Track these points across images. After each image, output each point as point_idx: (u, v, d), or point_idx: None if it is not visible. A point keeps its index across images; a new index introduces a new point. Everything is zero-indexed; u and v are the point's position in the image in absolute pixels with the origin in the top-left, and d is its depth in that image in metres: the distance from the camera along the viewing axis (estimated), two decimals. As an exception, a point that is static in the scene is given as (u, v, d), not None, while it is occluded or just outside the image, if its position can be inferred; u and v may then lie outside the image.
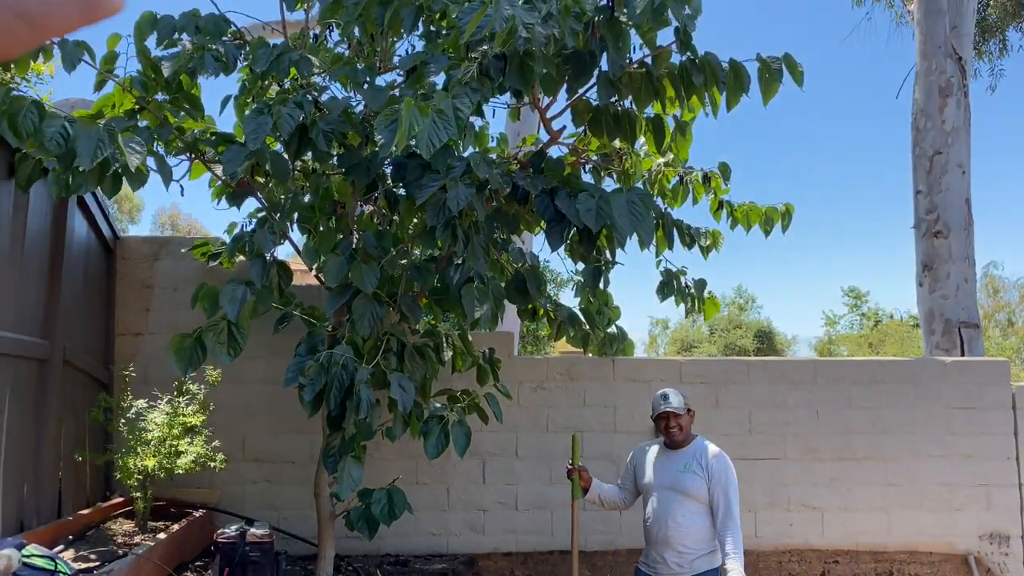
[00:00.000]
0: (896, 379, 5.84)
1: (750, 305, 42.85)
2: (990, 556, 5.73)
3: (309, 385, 3.40)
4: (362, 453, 3.72)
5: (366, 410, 3.41)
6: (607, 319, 5.06)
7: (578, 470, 4.61)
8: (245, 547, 4.23)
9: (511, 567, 5.66)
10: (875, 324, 35.06)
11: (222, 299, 3.71)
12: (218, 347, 3.73)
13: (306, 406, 3.48)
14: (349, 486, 3.61)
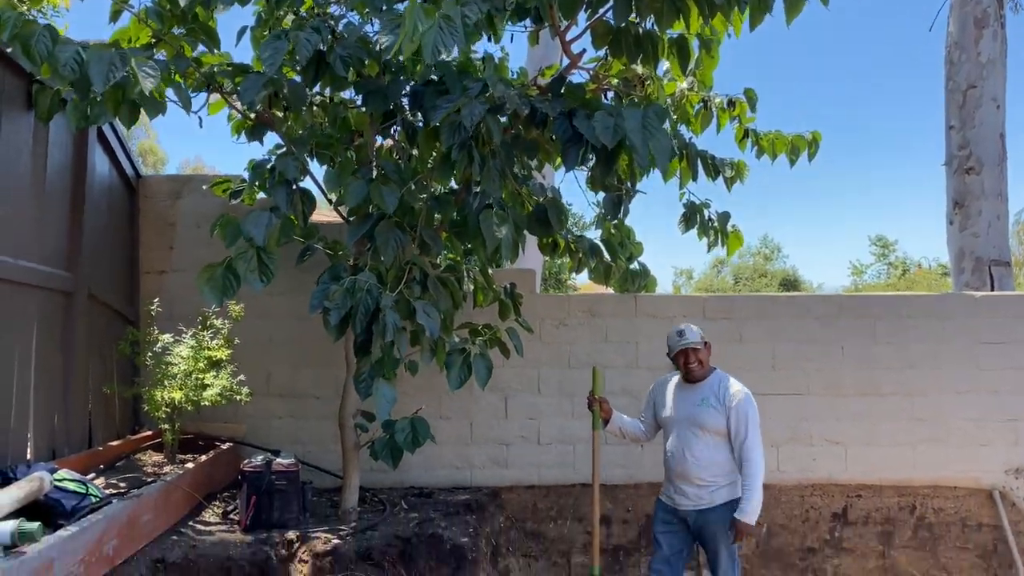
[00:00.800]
0: (924, 314, 5.75)
1: (776, 254, 42.49)
2: (1015, 491, 5.69)
3: (335, 309, 3.41)
4: (392, 375, 3.74)
5: (392, 333, 3.41)
6: (629, 252, 5.01)
7: (599, 401, 4.63)
8: (271, 476, 4.30)
9: (533, 499, 5.71)
10: (903, 273, 34.65)
11: (248, 226, 3.68)
12: (249, 274, 3.71)
13: (331, 330, 3.49)
14: (385, 406, 3.64)
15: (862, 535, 5.65)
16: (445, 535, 4.22)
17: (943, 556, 5.63)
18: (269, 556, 3.87)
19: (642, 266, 5.41)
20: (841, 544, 5.64)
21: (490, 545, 5.08)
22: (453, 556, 4.09)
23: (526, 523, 5.68)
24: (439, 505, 5.03)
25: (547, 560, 5.65)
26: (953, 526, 5.65)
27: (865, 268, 37.25)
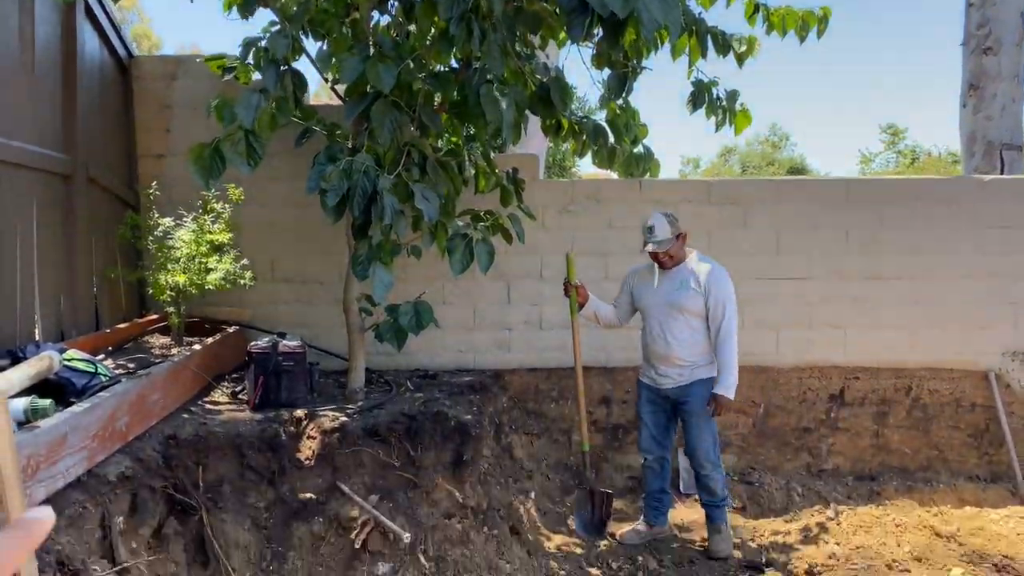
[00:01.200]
0: (931, 198, 5.69)
1: (784, 142, 41.81)
2: (1011, 373, 5.78)
3: (331, 191, 3.37)
4: (389, 260, 3.73)
5: (391, 216, 3.38)
6: (634, 135, 4.90)
7: (575, 287, 4.70)
8: (278, 357, 4.37)
9: (535, 382, 5.83)
10: (912, 161, 34.14)
11: (237, 107, 3.62)
12: (236, 157, 3.67)
13: (329, 212, 3.46)
14: (382, 289, 3.65)
15: (857, 415, 5.78)
16: (450, 413, 4.31)
17: (935, 435, 5.77)
18: (278, 433, 3.97)
19: (647, 149, 5.31)
20: (836, 424, 5.78)
21: (493, 424, 5.22)
22: (457, 432, 4.20)
23: (528, 403, 5.82)
24: (444, 386, 5.14)
25: (548, 438, 5.81)
26: (947, 407, 5.77)
27: (874, 156, 36.69)
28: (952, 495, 5.52)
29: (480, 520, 4.11)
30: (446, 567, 3.78)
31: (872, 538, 4.59)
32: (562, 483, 5.64)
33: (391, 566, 3.71)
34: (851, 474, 5.75)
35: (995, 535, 4.56)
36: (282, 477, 3.93)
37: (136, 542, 3.27)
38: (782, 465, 5.72)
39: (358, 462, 4.05)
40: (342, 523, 3.82)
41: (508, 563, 4.00)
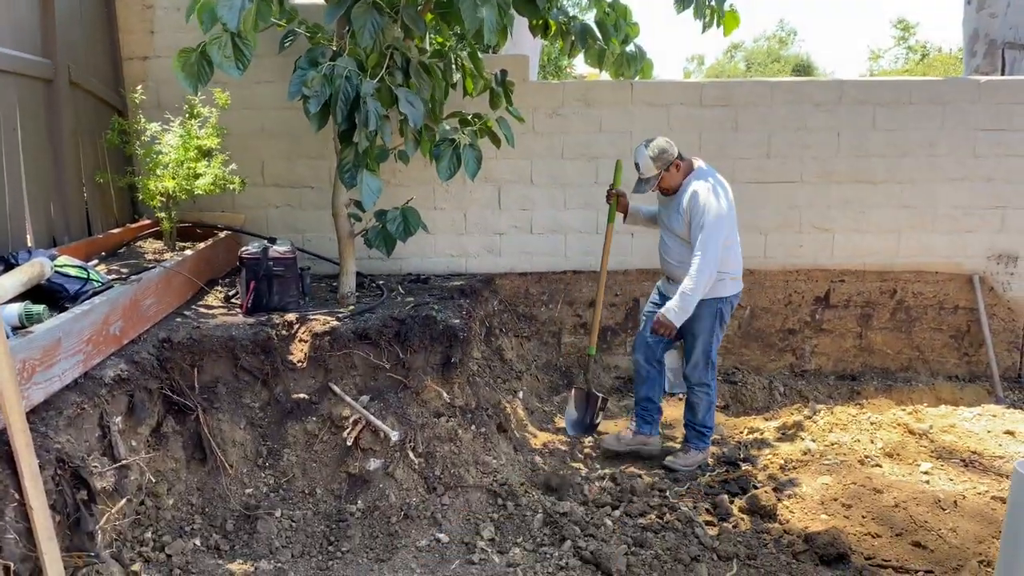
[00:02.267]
0: (924, 100, 5.63)
1: (791, 39, 40.71)
2: (995, 276, 5.85)
3: (314, 97, 3.35)
4: (376, 167, 3.74)
5: (375, 122, 3.38)
6: (624, 34, 4.81)
7: (616, 195, 4.71)
8: (269, 262, 4.43)
9: (526, 285, 5.92)
10: (922, 58, 33.31)
11: (221, 9, 3.54)
12: (224, 60, 3.62)
13: (312, 119, 3.45)
14: (370, 196, 3.68)
15: (842, 317, 5.89)
16: (439, 316, 4.41)
17: (917, 337, 5.90)
18: (270, 336, 4.07)
19: (639, 49, 5.22)
20: (821, 326, 5.91)
21: (484, 326, 5.34)
22: (446, 335, 4.30)
23: (518, 307, 5.92)
24: (435, 290, 5.22)
25: (538, 340, 5.95)
26: (930, 309, 5.87)
27: (883, 53, 35.81)
28: (930, 394, 5.69)
29: (468, 419, 4.27)
30: (435, 462, 3.95)
31: (847, 435, 4.77)
32: (551, 383, 5.81)
33: (382, 462, 3.88)
34: (833, 374, 5.91)
35: (966, 432, 4.73)
36: (275, 379, 4.06)
37: (135, 440, 3.42)
38: (766, 365, 5.88)
39: (349, 364, 4.17)
40: (334, 422, 3.98)
41: (495, 458, 4.17)
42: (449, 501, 3.85)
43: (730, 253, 4.39)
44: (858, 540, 3.64)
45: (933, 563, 3.42)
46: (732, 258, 4.41)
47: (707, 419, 4.58)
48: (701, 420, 4.58)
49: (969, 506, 3.82)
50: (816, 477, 4.28)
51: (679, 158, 4.32)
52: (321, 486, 3.88)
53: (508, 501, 3.89)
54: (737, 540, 3.63)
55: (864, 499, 3.96)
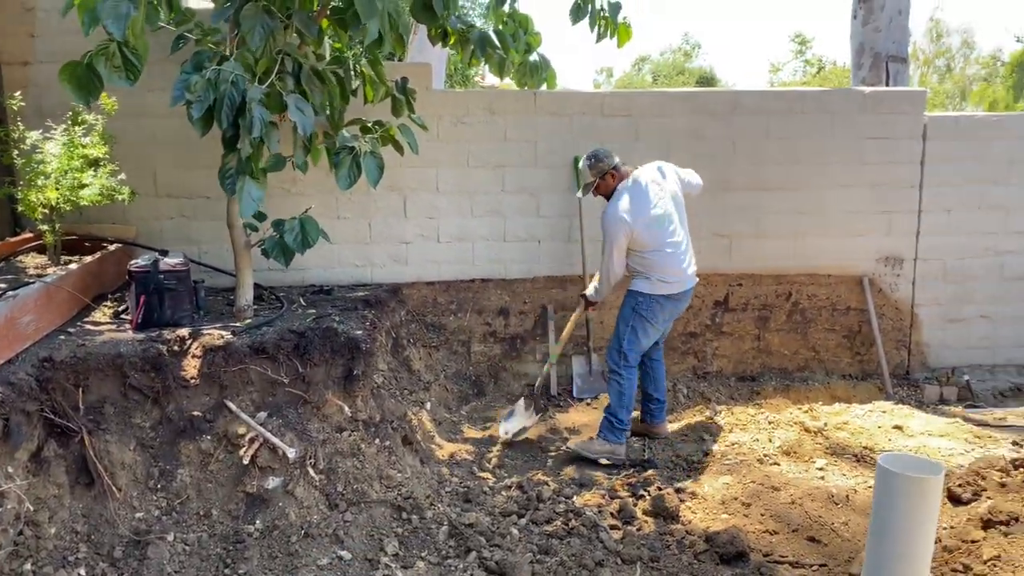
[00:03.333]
0: (814, 109, 5.85)
1: (696, 51, 41.99)
2: (883, 277, 6.12)
3: (197, 102, 3.23)
4: (261, 175, 3.64)
5: (259, 129, 3.27)
6: (526, 44, 4.83)
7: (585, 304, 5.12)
8: (160, 275, 4.26)
9: (434, 294, 5.87)
10: (818, 70, 34.83)
11: (104, 16, 3.37)
12: (113, 72, 3.46)
13: (195, 124, 3.32)
14: (250, 205, 3.57)
15: (740, 320, 6.06)
16: (340, 328, 4.32)
17: (812, 337, 6.12)
18: (161, 352, 3.90)
19: (542, 58, 5.26)
20: (721, 328, 6.06)
21: (391, 337, 5.25)
22: (348, 347, 4.21)
23: (426, 316, 5.87)
24: (338, 301, 5.12)
25: (447, 349, 5.90)
26: (824, 310, 6.09)
27: (782, 66, 37.33)
28: (826, 393, 5.90)
29: (372, 432, 4.18)
30: (336, 478, 3.86)
31: (747, 435, 4.89)
32: (460, 393, 5.77)
33: (281, 480, 3.76)
34: (734, 375, 6.07)
35: (858, 429, 4.92)
36: (167, 397, 3.89)
37: (12, 467, 3.22)
38: (670, 368, 5.96)
39: (246, 380, 4.03)
40: (230, 440, 3.84)
41: (399, 472, 4.10)
42: (352, 517, 3.76)
43: (656, 257, 4.62)
44: (757, 538, 3.72)
45: (827, 557, 3.53)
46: (658, 263, 4.62)
47: (617, 410, 4.67)
48: (612, 409, 4.68)
49: (860, 500, 3.96)
50: (717, 477, 4.37)
51: (615, 169, 4.70)
52: (217, 507, 3.74)
53: (413, 515, 3.83)
54: (641, 543, 3.66)
55: (763, 497, 4.06)
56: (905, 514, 1.89)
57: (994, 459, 3.85)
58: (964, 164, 6.01)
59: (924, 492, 1.87)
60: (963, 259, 6.14)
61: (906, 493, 1.88)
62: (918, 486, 1.87)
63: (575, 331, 5.76)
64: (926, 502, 1.87)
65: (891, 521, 1.92)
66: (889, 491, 1.92)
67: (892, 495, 1.91)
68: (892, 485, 1.91)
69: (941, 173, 6.00)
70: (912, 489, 1.87)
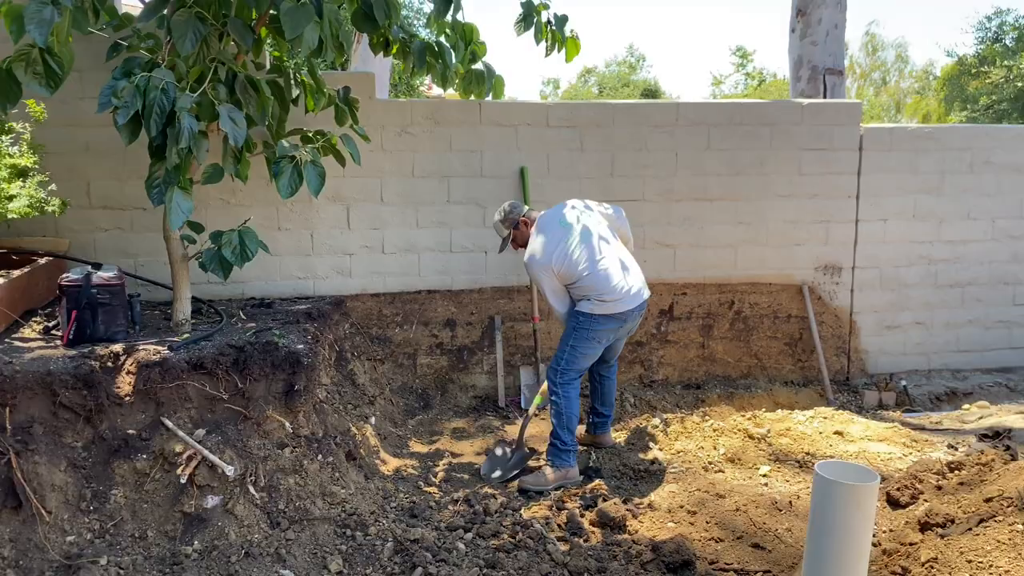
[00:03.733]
0: (754, 121, 5.96)
1: (640, 64, 42.61)
2: (822, 286, 6.25)
3: (123, 108, 3.13)
4: (188, 185, 3.54)
5: (188, 139, 3.18)
6: (470, 54, 4.81)
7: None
8: (92, 290, 4.12)
9: (379, 306, 5.80)
10: (759, 83, 35.63)
11: (27, 22, 3.27)
12: (32, 79, 3.35)
13: (121, 131, 3.22)
14: (179, 217, 3.47)
15: (685, 328, 6.12)
16: (281, 342, 4.22)
17: (755, 345, 6.21)
18: (94, 369, 3.77)
19: (487, 67, 5.23)
20: (667, 337, 6.11)
21: (334, 351, 5.17)
22: (289, 362, 4.12)
23: (371, 329, 5.80)
24: (279, 314, 5.02)
25: (393, 362, 5.83)
26: (766, 318, 6.20)
27: (724, 79, 38.10)
28: (769, 399, 5.99)
29: (315, 448, 4.10)
30: (278, 496, 3.77)
31: (692, 443, 4.93)
32: (406, 406, 5.71)
33: (220, 499, 3.66)
34: (679, 383, 6.12)
35: (800, 435, 4.99)
36: (100, 415, 3.75)
37: (-70, 492, 3.07)
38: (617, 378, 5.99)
39: (183, 396, 3.92)
40: (167, 458, 3.72)
41: (343, 488, 4.03)
42: (294, 535, 3.67)
43: (589, 281, 4.47)
44: (702, 546, 3.74)
45: (771, 563, 3.56)
46: (594, 285, 4.47)
47: (560, 432, 4.54)
48: (554, 431, 4.57)
49: (803, 506, 4.01)
50: (664, 486, 4.39)
51: (526, 217, 4.74)
52: (153, 528, 3.61)
53: (357, 531, 3.75)
54: (588, 554, 3.65)
55: (708, 505, 4.09)
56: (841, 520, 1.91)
57: (931, 462, 3.94)
58: (899, 175, 6.18)
59: (859, 499, 1.90)
60: (899, 267, 6.30)
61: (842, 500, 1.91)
62: (853, 493, 1.90)
63: (524, 343, 5.76)
64: (861, 509, 1.90)
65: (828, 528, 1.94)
66: (826, 498, 1.94)
67: (828, 502, 1.93)
68: (828, 492, 1.93)
69: (877, 183, 6.16)
70: (848, 496, 1.90)
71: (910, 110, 31.72)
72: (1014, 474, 3.35)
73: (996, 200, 6.33)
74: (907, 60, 35.19)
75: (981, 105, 16.50)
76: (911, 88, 34.67)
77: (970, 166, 6.26)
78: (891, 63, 35.29)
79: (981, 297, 6.45)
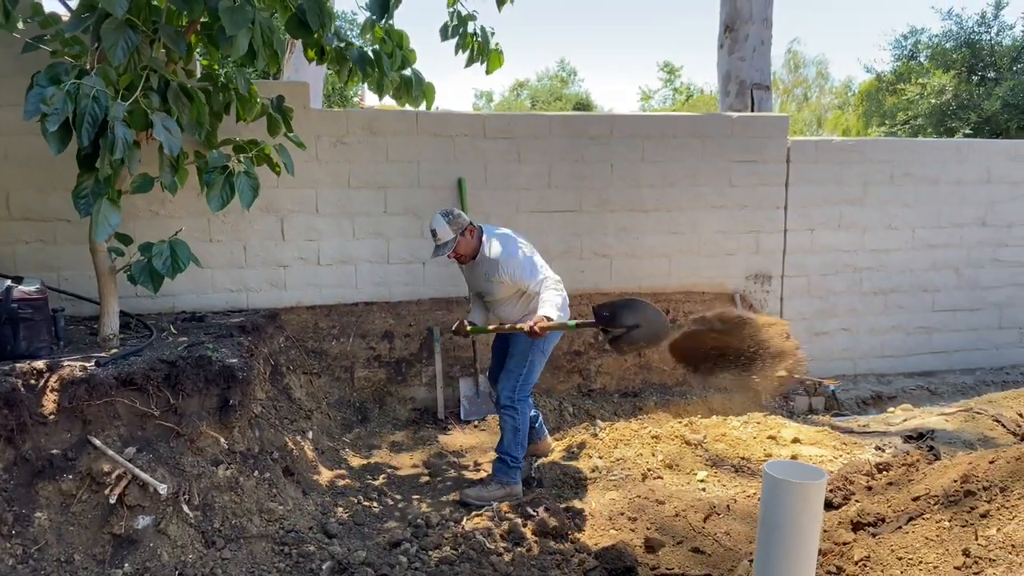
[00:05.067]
0: (686, 134, 6.09)
1: (572, 78, 43.14)
2: (753, 294, 6.41)
3: (53, 115, 3.00)
4: (116, 197, 3.43)
5: (122, 150, 3.09)
6: (401, 60, 4.78)
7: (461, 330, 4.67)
8: (12, 304, 3.94)
9: (315, 319, 5.71)
10: (687, 98, 36.45)
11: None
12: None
13: (50, 139, 3.09)
14: (105, 229, 3.35)
15: (623, 338, 6.18)
16: (214, 356, 4.12)
17: (690, 353, 6.31)
18: (15, 387, 3.60)
19: (416, 74, 5.20)
20: (604, 347, 6.16)
21: (269, 365, 5.06)
22: (223, 376, 4.02)
23: (307, 342, 5.70)
24: (212, 328, 4.89)
25: (330, 375, 5.74)
26: (700, 327, 6.30)
27: (653, 93, 38.86)
28: (703, 406, 6.09)
29: (251, 464, 4.00)
30: (213, 514, 3.66)
31: (631, 450, 4.98)
32: (344, 420, 5.62)
33: (152, 518, 3.53)
34: (617, 392, 6.18)
35: (736, 440, 5.09)
36: (23, 435, 3.58)
37: None
38: (556, 387, 6.03)
39: (112, 413, 3.77)
40: (95, 478, 3.57)
41: (281, 504, 3.94)
42: (231, 555, 3.57)
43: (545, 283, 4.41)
44: (644, 552, 3.77)
45: (711, 567, 3.62)
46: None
47: (512, 447, 4.49)
48: (505, 447, 4.51)
49: (740, 509, 4.09)
50: (604, 493, 4.42)
51: (471, 225, 4.48)
52: (81, 551, 3.46)
53: (294, 549, 3.67)
54: (531, 564, 3.65)
55: (648, 511, 4.13)
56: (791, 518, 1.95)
57: (860, 464, 4.06)
58: (825, 186, 6.39)
59: (807, 496, 1.95)
60: (826, 275, 6.51)
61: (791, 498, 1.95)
62: (802, 491, 1.94)
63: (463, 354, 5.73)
64: (810, 506, 1.95)
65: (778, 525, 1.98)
66: (775, 497, 1.98)
67: (778, 501, 1.97)
68: (778, 491, 1.97)
69: (804, 194, 6.36)
70: (796, 494, 1.95)
71: (830, 125, 32.82)
72: (939, 473, 3.48)
73: (915, 210, 6.60)
74: (827, 76, 36.41)
75: (898, 120, 17.20)
76: (831, 103, 35.89)
77: (891, 178, 6.52)
78: (812, 79, 36.52)
79: (903, 304, 6.70)
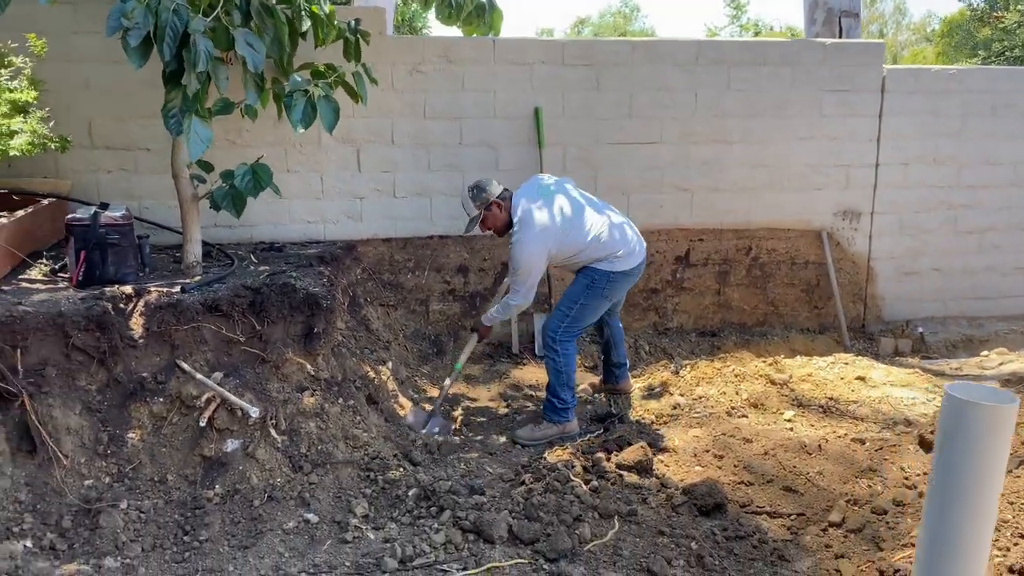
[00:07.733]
0: (776, 61, 5.78)
1: (635, 14, 41.93)
2: (841, 231, 6.14)
3: (135, 28, 2.93)
4: (207, 114, 3.37)
5: (205, 62, 3.01)
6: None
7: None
8: (100, 229, 3.97)
9: (390, 252, 5.66)
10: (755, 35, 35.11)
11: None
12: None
13: (131, 53, 3.02)
14: (198, 145, 3.31)
15: (701, 275, 6.01)
16: (298, 284, 4.10)
17: (772, 292, 6.11)
18: (107, 310, 3.64)
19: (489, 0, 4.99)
20: (682, 284, 6.00)
21: (348, 295, 5.05)
22: (307, 304, 4.00)
23: (383, 275, 5.67)
24: (291, 258, 4.88)
25: (406, 308, 5.72)
26: (783, 265, 6.09)
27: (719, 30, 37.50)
28: (785, 347, 5.91)
29: (335, 392, 4.00)
30: (300, 439, 3.68)
31: (714, 388, 4.86)
32: (420, 352, 5.61)
33: (240, 442, 3.57)
34: (694, 331, 6.04)
35: (822, 380, 4.93)
36: (114, 358, 3.63)
37: (-55, 433, 2.96)
38: (631, 325, 5.90)
39: (199, 339, 3.80)
40: (185, 401, 3.61)
41: (365, 432, 3.94)
42: (318, 479, 3.59)
43: (596, 244, 4.31)
44: (732, 489, 3.68)
45: (804, 506, 3.51)
46: (604, 245, 4.32)
47: (558, 389, 4.37)
48: (552, 389, 4.41)
49: (832, 449, 3.95)
50: (687, 430, 4.32)
51: (500, 198, 4.35)
52: (173, 472, 3.52)
53: (380, 475, 3.67)
54: (616, 497, 3.59)
55: (735, 449, 4.03)
56: (977, 445, 1.74)
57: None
58: (920, 118, 6.03)
59: (997, 421, 1.74)
60: (918, 213, 6.19)
61: (978, 422, 1.74)
62: (991, 414, 1.73)
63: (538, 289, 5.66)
64: (999, 432, 1.74)
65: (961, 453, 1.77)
66: (959, 421, 1.76)
67: (962, 425, 1.75)
68: (963, 414, 1.76)
69: (898, 127, 6.01)
70: (985, 418, 1.74)
71: (907, 62, 31.36)
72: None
73: (1019, 144, 6.20)
74: (904, 11, 34.72)
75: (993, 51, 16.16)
76: (908, 41, 34.25)
77: (992, 109, 6.11)
78: (889, 15, 34.82)
79: (999, 243, 6.35)
